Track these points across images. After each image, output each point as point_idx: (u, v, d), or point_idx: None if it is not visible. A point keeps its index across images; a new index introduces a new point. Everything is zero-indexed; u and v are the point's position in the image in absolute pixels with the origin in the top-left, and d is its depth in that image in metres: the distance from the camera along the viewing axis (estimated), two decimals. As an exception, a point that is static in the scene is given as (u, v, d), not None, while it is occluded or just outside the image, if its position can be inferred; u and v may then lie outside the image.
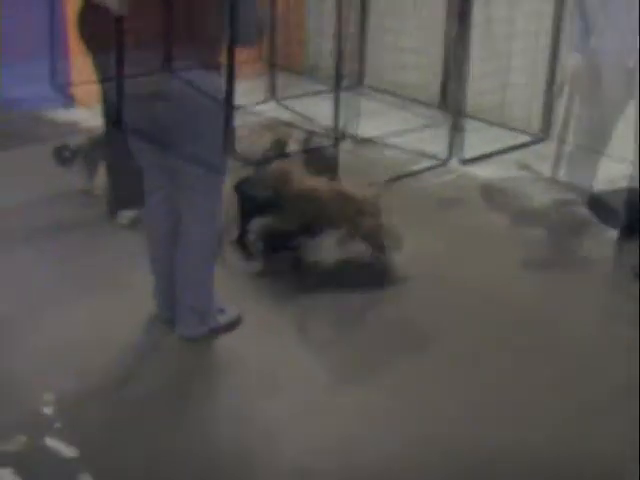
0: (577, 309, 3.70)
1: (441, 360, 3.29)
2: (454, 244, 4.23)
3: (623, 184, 4.88)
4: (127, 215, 4.24)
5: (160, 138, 3.05)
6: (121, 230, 4.18)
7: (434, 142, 5.44)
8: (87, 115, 5.23)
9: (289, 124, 5.00)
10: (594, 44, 3.92)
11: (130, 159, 3.30)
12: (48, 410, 2.89)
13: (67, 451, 2.70)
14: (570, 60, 4.06)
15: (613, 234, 4.36)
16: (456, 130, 5.37)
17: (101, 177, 4.44)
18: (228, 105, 2.42)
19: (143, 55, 2.68)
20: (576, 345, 3.42)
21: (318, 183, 3.91)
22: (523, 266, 4.04)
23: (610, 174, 5.05)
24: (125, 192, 4.20)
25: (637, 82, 3.85)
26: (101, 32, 2.72)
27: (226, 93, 2.38)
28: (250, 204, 3.94)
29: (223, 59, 2.63)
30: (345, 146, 5.12)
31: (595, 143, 4.10)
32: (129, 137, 3.20)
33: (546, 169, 5.21)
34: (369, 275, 3.87)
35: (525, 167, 5.33)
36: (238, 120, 2.72)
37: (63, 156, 4.53)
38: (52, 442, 2.73)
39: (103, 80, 3.25)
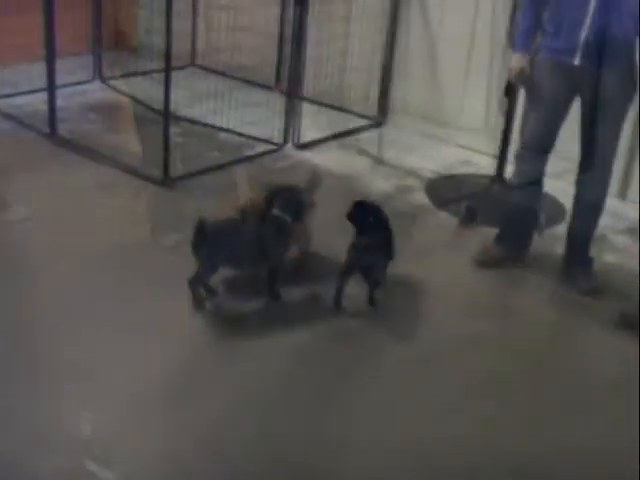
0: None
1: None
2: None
3: (462, 170, 5.07)
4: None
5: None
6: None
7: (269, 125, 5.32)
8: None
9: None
10: (539, 42, 3.82)
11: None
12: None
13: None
14: (513, 60, 3.92)
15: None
16: (292, 114, 5.26)
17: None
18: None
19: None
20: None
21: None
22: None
23: (450, 160, 5.26)
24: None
25: (585, 81, 3.73)
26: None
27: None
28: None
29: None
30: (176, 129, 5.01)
31: (541, 143, 3.96)
32: None
33: (388, 155, 5.25)
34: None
35: (364, 152, 5.33)
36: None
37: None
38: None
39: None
